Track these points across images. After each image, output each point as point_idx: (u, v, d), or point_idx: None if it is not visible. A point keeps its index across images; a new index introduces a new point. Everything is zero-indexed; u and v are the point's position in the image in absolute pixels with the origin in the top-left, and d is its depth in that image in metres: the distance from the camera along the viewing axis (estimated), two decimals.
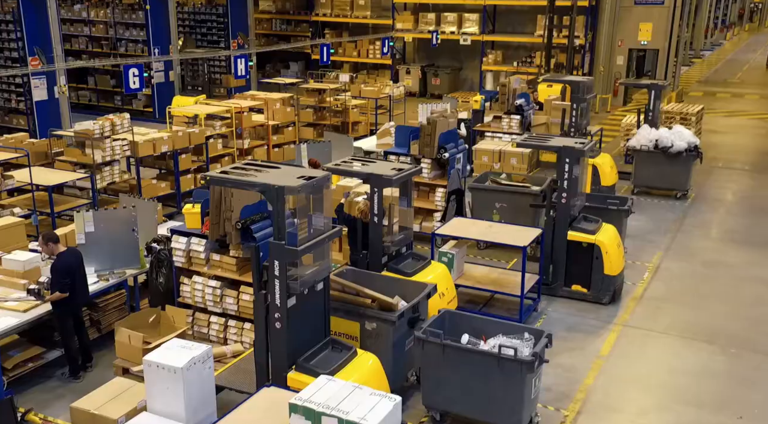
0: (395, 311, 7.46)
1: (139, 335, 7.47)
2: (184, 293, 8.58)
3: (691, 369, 8.65)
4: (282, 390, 6.06)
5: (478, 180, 12.52)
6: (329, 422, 5.28)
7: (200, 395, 5.87)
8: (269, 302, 6.45)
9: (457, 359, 7.14)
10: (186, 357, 5.76)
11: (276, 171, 6.60)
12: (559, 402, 7.88)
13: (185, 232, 8.48)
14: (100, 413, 5.81)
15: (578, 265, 10.20)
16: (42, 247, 8.01)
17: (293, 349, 6.56)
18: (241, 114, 15.36)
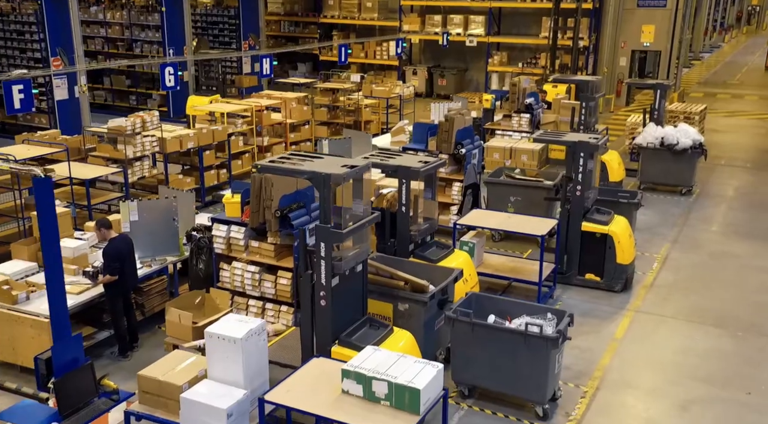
0: (427, 292, 7.98)
1: (188, 314, 7.99)
2: (224, 278, 9.09)
3: (700, 350, 9.18)
4: (330, 361, 6.59)
5: (492, 175, 13.03)
6: (379, 385, 5.80)
7: (256, 364, 6.39)
8: (315, 282, 6.96)
9: (486, 337, 7.66)
10: (244, 329, 6.28)
11: (321, 161, 7.12)
12: (579, 379, 8.41)
13: (225, 220, 9.00)
14: (166, 379, 6.33)
15: (592, 254, 10.72)
16: (96, 233, 8.52)
17: (336, 325, 7.09)
18: (260, 112, 15.88)
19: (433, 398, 5.85)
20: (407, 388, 5.70)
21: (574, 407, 7.89)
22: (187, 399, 6.13)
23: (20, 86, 9.37)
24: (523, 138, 16.48)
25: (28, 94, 9.54)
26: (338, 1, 29.39)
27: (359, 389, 5.89)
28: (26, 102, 9.48)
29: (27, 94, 9.51)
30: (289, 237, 8.69)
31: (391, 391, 5.76)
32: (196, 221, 10.17)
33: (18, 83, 9.37)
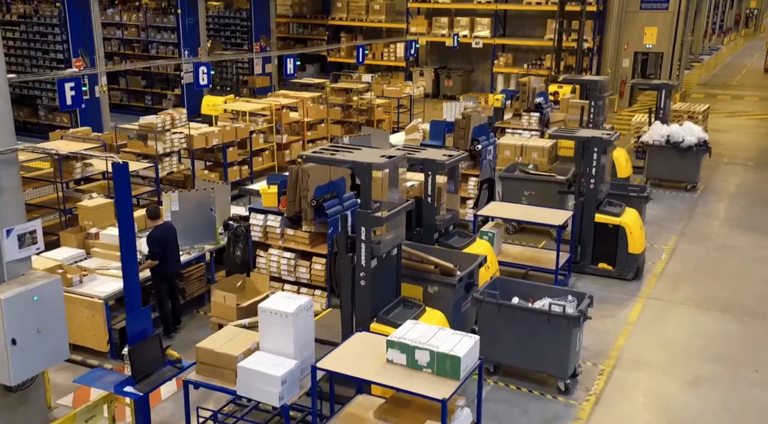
0: (455, 276, 8.52)
1: (232, 295, 8.53)
2: (260, 264, 9.64)
3: (708, 333, 9.73)
4: (372, 334, 7.12)
5: (507, 170, 13.58)
6: (422, 354, 6.33)
7: (304, 337, 6.92)
8: (355, 264, 7.50)
9: (511, 317, 8.21)
10: (295, 305, 6.81)
11: (360, 152, 7.67)
12: (596, 358, 8.95)
13: (262, 210, 9.55)
14: (223, 351, 6.85)
15: (604, 244, 11.27)
16: (147, 220, 9.06)
17: (374, 304, 7.62)
18: (280, 111, 16.42)
19: (471, 365, 6.38)
20: (448, 356, 6.22)
21: (593, 383, 8.44)
22: (244, 368, 6.66)
23: (72, 84, 9.91)
24: (533, 136, 17.04)
25: (79, 91, 10.08)
26: (346, 3, 29.96)
27: (403, 358, 6.41)
28: (77, 98, 10.02)
29: (77, 91, 10.04)
30: (323, 225, 9.25)
31: (433, 359, 6.28)
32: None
33: (70, 81, 9.90)
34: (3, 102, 6.02)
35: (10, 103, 6.12)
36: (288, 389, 6.64)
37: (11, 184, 6.17)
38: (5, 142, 6.05)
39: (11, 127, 6.18)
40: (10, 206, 6.16)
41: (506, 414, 7.79)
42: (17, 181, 6.28)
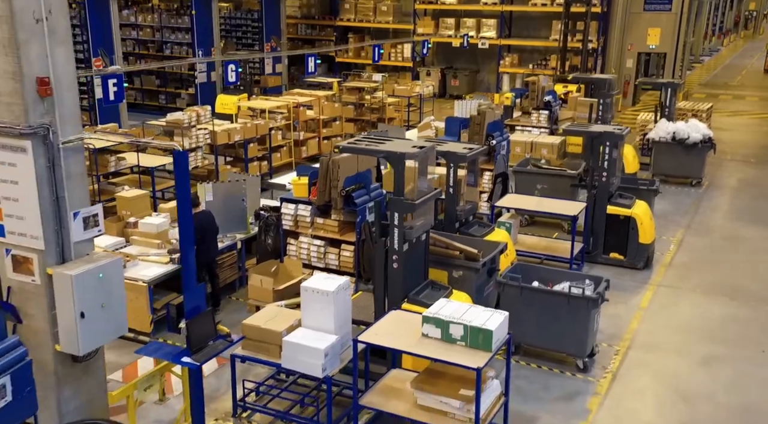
0: (479, 261, 9.01)
1: (269, 279, 9.02)
2: (290, 252, 10.13)
3: (717, 317, 10.24)
4: (405, 312, 7.61)
5: (520, 164, 14.09)
6: (456, 328, 6.82)
7: (343, 315, 7.41)
8: (388, 247, 7.99)
9: (532, 299, 8.71)
10: (335, 284, 7.30)
11: (392, 143, 8.17)
12: (611, 340, 9.45)
13: (293, 199, 10.05)
14: (268, 327, 7.34)
15: (616, 235, 11.77)
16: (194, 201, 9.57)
17: (405, 286, 8.11)
18: (297, 109, 16.92)
19: (501, 339, 6.86)
20: (481, 329, 6.71)
21: (609, 362, 8.94)
22: (289, 342, 7.15)
23: (114, 80, 10.40)
24: (542, 133, 17.55)
25: (120, 87, 10.56)
26: (354, 4, 30.47)
27: (438, 332, 6.90)
28: (119, 94, 10.50)
29: (119, 87, 10.52)
30: (352, 214, 9.74)
31: (467, 333, 6.77)
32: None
33: (113, 77, 10.39)
34: (71, 94, 6.50)
35: (77, 95, 6.60)
36: (330, 362, 7.14)
37: (78, 170, 6.66)
38: (73, 132, 6.54)
39: (78, 118, 6.66)
40: (77, 191, 6.63)
41: (529, 389, 8.28)
42: (83, 168, 6.76)
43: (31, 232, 6.43)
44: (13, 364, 5.38)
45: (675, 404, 8.10)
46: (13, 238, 6.53)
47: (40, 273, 6.49)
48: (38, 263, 6.49)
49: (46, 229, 6.43)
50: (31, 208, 6.37)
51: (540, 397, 8.18)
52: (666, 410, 7.99)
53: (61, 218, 6.51)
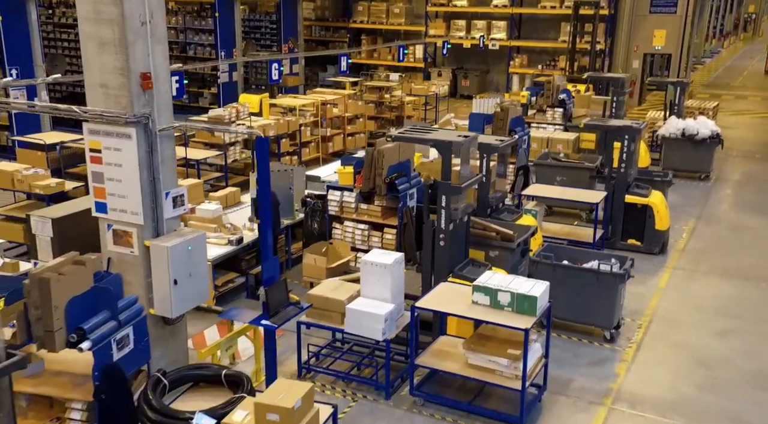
0: (514, 241, 9.86)
1: (323, 258, 9.88)
2: (336, 235, 10.97)
3: (731, 296, 11.08)
4: (453, 284, 8.45)
5: (540, 158, 14.93)
6: (503, 296, 7.66)
7: (398, 286, 8.25)
8: (435, 227, 8.84)
9: (564, 275, 9.54)
10: (392, 258, 8.15)
11: (439, 132, 9.02)
12: (634, 315, 10.29)
13: (338, 187, 10.90)
14: (332, 296, 8.18)
15: (633, 222, 12.60)
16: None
17: (450, 262, 8.96)
18: (324, 107, 17.77)
19: (543, 305, 7.71)
20: (527, 296, 7.55)
21: (633, 334, 9.78)
22: (352, 309, 8.00)
23: (176, 77, 11.22)
24: (557, 130, 18.41)
25: (182, 84, 11.37)
26: (367, 7, 31.31)
27: (486, 299, 7.74)
28: (180, 90, 11.31)
29: (180, 84, 11.33)
30: (394, 200, 10.59)
31: (513, 299, 7.61)
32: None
33: (175, 75, 11.21)
34: (166, 87, 7.35)
35: (170, 89, 7.45)
36: (388, 326, 7.99)
37: (169, 155, 7.51)
38: (167, 121, 7.39)
39: (170, 108, 7.50)
40: (168, 173, 7.48)
41: (561, 356, 9.11)
42: (173, 153, 7.61)
43: (132, 209, 7.28)
44: (133, 317, 6.21)
45: (695, 369, 8.95)
46: (115, 214, 7.38)
47: (138, 245, 7.34)
48: (137, 236, 7.34)
49: (145, 206, 7.28)
50: (132, 188, 7.22)
51: (572, 363, 9.01)
52: (687, 374, 8.83)
53: (156, 197, 7.36)
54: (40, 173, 10.92)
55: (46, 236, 8.10)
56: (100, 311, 5.89)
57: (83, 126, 7.28)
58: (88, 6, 6.84)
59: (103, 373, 5.75)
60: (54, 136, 12.63)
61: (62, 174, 11.85)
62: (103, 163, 7.26)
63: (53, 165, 11.75)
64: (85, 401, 5.76)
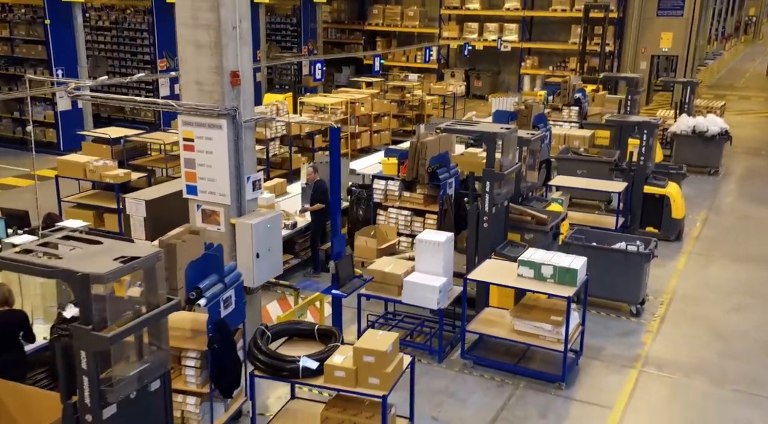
0: (547, 225, 10.81)
1: (373, 239, 10.83)
2: (380, 221, 11.92)
3: (744, 278, 12.03)
4: (497, 261, 9.40)
5: (561, 153, 15.89)
6: (547, 269, 8.61)
7: (448, 262, 9.20)
8: (479, 210, 9.79)
9: (594, 256, 10.43)
10: (444, 237, 9.11)
11: (482, 125, 9.98)
12: (656, 294, 11.24)
13: (382, 176, 11.86)
14: (389, 271, 9.13)
15: (651, 211, 13.54)
16: (310, 174, 11.33)
17: (492, 242, 9.91)
18: (354, 105, 18.75)
19: (582, 278, 8.66)
20: (568, 269, 8.50)
21: (656, 309, 10.74)
22: (409, 281, 8.95)
23: None
24: (572, 127, 19.36)
25: None
26: (382, 10, 32.30)
27: (531, 272, 8.68)
28: None
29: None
30: (434, 188, 11.54)
31: (555, 272, 8.56)
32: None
33: None
34: (249, 84, 8.30)
35: (253, 86, 8.40)
36: (441, 297, 8.95)
37: (251, 144, 8.46)
38: (250, 113, 8.35)
39: (252, 103, 8.46)
40: (249, 160, 8.44)
41: (592, 328, 10.04)
42: (253, 142, 8.56)
43: (220, 191, 8.25)
44: (234, 281, 7.15)
45: (713, 339, 9.90)
46: (204, 196, 8.35)
47: (224, 223, 8.31)
48: (224, 215, 8.31)
49: (231, 188, 8.24)
50: (221, 173, 8.19)
51: (603, 334, 9.96)
52: (707, 343, 9.78)
53: (240, 181, 8.32)
54: (108, 164, 11.87)
55: (139, 216, 9.07)
56: (210, 275, 6.84)
57: (178, 118, 8.24)
58: (187, 13, 7.80)
59: (215, 326, 6.70)
60: (117, 132, 13.59)
61: (125, 165, 12.80)
62: (195, 150, 8.22)
63: (117, 157, 12.69)
64: (199, 350, 6.69)
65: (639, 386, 8.68)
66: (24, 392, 6.30)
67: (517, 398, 8.35)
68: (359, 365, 6.24)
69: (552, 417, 8.01)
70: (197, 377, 6.76)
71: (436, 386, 8.53)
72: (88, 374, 4.85)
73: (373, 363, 6.19)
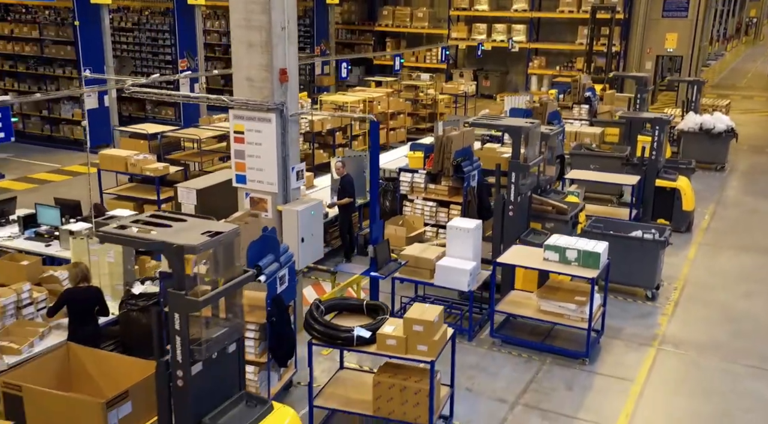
0: (567, 214, 11.43)
1: (402, 228, 11.45)
2: (406, 212, 12.54)
3: (752, 266, 12.65)
4: (522, 246, 10.02)
5: (574, 148, 16.51)
6: (571, 253, 9.23)
7: (477, 247, 9.81)
8: (506, 200, 10.41)
9: (612, 243, 11.00)
10: (473, 224, 9.73)
11: (508, 119, 10.60)
12: (669, 280, 11.85)
13: (409, 169, 12.48)
14: (422, 256, 9.74)
15: (662, 204, 14.16)
16: (339, 169, 11.96)
17: (517, 230, 10.53)
18: (371, 103, 19.38)
19: (604, 261, 9.28)
20: (591, 252, 9.12)
21: (670, 294, 11.36)
22: (441, 265, 9.56)
23: None
24: (582, 124, 19.98)
25: None
26: (392, 11, 32.92)
27: (556, 256, 9.30)
28: None
29: None
30: (458, 180, 12.16)
31: (579, 255, 9.17)
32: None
33: None
34: (295, 81, 8.92)
35: (298, 82, 9.02)
36: (472, 280, 9.56)
37: (295, 136, 9.08)
38: (295, 108, 8.96)
39: (297, 98, 9.08)
40: (293, 151, 9.05)
41: (611, 311, 10.63)
42: (297, 135, 9.18)
43: (268, 180, 8.87)
44: (287, 261, 7.78)
45: (725, 321, 10.52)
46: (253, 184, 8.97)
47: (272, 210, 8.93)
48: (271, 202, 8.93)
49: (278, 178, 8.86)
50: (269, 163, 8.81)
51: (621, 316, 10.58)
52: (719, 325, 10.40)
53: (286, 170, 8.94)
54: (148, 158, 12.50)
55: (190, 204, 9.70)
56: (268, 254, 7.46)
57: (229, 112, 8.86)
58: (240, 15, 8.43)
59: (273, 301, 7.32)
60: (153, 127, 14.22)
61: (161, 159, 13.42)
62: (245, 142, 8.84)
63: (153, 152, 13.32)
64: (258, 323, 7.30)
65: (657, 362, 9.30)
66: (104, 357, 6.92)
67: (544, 372, 8.97)
68: (409, 333, 6.86)
69: (578, 389, 8.63)
70: (256, 347, 7.38)
71: (467, 361, 9.15)
72: (180, 333, 5.46)
73: (422, 332, 6.81)
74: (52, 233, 10.12)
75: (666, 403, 8.43)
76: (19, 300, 7.38)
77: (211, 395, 5.85)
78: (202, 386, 5.70)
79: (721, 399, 8.50)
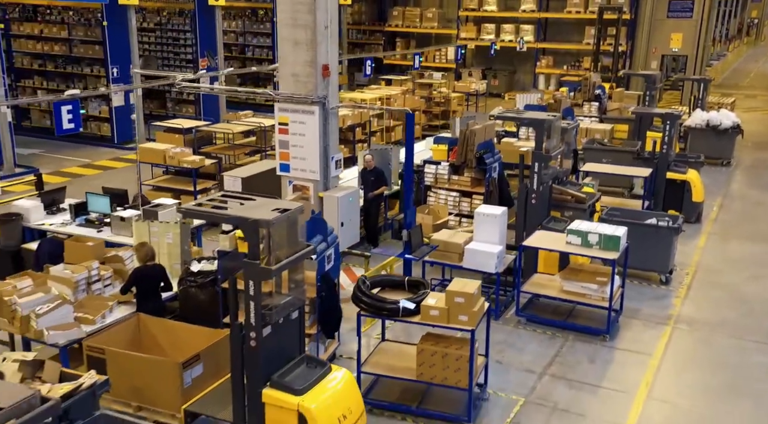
0: (585, 203, 12.07)
1: (428, 216, 12.09)
2: (430, 202, 13.19)
3: (760, 253, 13.29)
4: (546, 232, 10.66)
5: (587, 143, 17.15)
6: (593, 237, 9.87)
7: (503, 232, 10.45)
8: (529, 188, 11.05)
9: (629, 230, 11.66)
10: (500, 210, 10.37)
11: (531, 113, 11.24)
12: (681, 266, 12.49)
13: (433, 161, 13.13)
14: (451, 240, 10.38)
15: (673, 195, 14.79)
16: (369, 161, 12.58)
17: (539, 217, 11.17)
18: (388, 100, 20.02)
19: (624, 244, 9.92)
20: (612, 236, 9.76)
21: (682, 279, 12.00)
22: (470, 249, 10.19)
23: None
24: (592, 121, 20.61)
25: None
26: (402, 11, 33.58)
27: (578, 240, 9.93)
28: None
29: None
30: (481, 172, 12.80)
31: (600, 239, 9.80)
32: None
33: None
34: (335, 76, 9.57)
35: (338, 78, 9.66)
36: (498, 262, 10.20)
37: (334, 127, 9.74)
38: (335, 102, 9.62)
39: (337, 92, 9.73)
40: (333, 141, 9.71)
41: (628, 294, 11.23)
42: (337, 126, 9.84)
43: (311, 168, 9.53)
44: (333, 242, 8.42)
45: (736, 303, 11.17)
46: (296, 173, 9.63)
47: (314, 196, 9.57)
48: (313, 189, 9.57)
49: (320, 166, 9.51)
50: (312, 152, 9.48)
51: (637, 298, 11.22)
52: (730, 306, 11.04)
53: (327, 159, 9.60)
54: (185, 151, 13.14)
55: None
56: (317, 234, 8.10)
57: (275, 106, 9.51)
58: (287, 15, 9.08)
59: (323, 278, 7.97)
60: (187, 122, 14.87)
61: (195, 152, 14.06)
62: (289, 133, 9.49)
63: (188, 145, 13.96)
64: (309, 297, 7.95)
65: (673, 338, 9.94)
66: (171, 326, 7.57)
67: (568, 348, 9.61)
68: (451, 305, 7.50)
69: (600, 362, 9.28)
70: (307, 319, 8.01)
71: (495, 338, 9.76)
72: (254, 299, 6.10)
73: (463, 303, 7.45)
74: (101, 219, 10.76)
75: (682, 374, 9.07)
76: (89, 276, 8.03)
77: (278, 356, 6.49)
78: (270, 347, 6.34)
79: (732, 371, 9.15)
